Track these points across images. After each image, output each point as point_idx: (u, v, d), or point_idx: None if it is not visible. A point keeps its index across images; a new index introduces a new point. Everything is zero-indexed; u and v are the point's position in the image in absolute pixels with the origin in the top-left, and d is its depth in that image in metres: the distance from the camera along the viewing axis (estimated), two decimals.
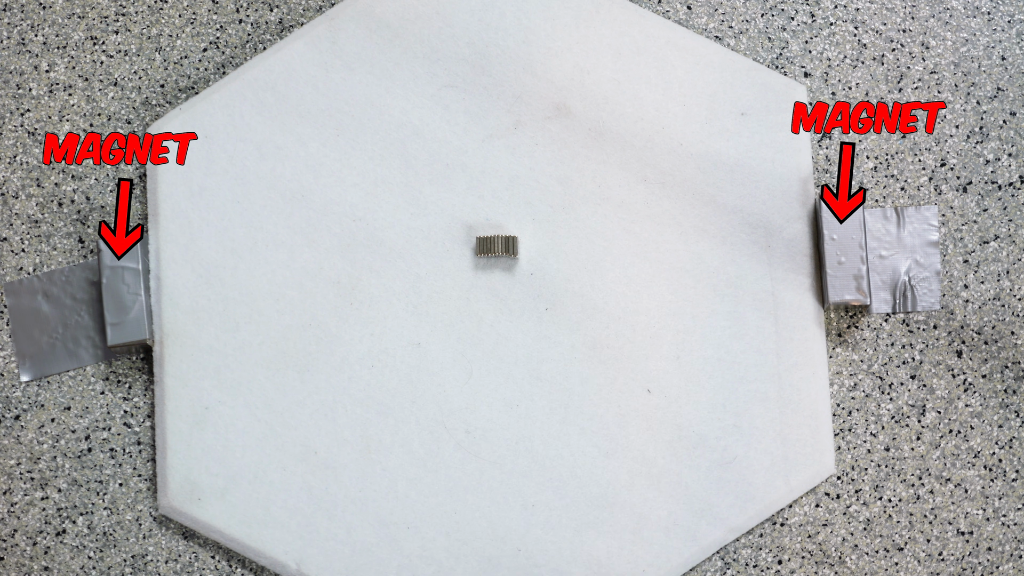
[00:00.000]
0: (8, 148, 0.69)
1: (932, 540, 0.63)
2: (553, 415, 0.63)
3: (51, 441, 0.67)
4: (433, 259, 0.65)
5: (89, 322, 0.67)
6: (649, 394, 0.63)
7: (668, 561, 0.62)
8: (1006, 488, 0.64)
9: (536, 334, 0.64)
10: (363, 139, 0.65)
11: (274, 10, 0.68)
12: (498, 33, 0.66)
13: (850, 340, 0.64)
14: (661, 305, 0.64)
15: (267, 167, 0.66)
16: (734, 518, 0.63)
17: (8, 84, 0.69)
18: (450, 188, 0.65)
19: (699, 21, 0.67)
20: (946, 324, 0.64)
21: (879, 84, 0.66)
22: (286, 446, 0.64)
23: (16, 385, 0.67)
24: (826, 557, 0.64)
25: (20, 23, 0.69)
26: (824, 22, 0.66)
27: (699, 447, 0.63)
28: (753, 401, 0.63)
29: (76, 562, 0.66)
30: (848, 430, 0.64)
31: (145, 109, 0.68)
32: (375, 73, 0.66)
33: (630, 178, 0.65)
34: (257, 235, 0.65)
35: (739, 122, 0.65)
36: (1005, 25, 0.65)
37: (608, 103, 0.65)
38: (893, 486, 0.64)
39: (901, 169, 0.65)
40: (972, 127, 0.65)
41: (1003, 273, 0.64)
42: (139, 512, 0.66)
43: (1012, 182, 0.65)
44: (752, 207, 0.64)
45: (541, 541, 0.63)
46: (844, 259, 0.62)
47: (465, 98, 0.65)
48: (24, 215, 0.68)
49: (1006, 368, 0.64)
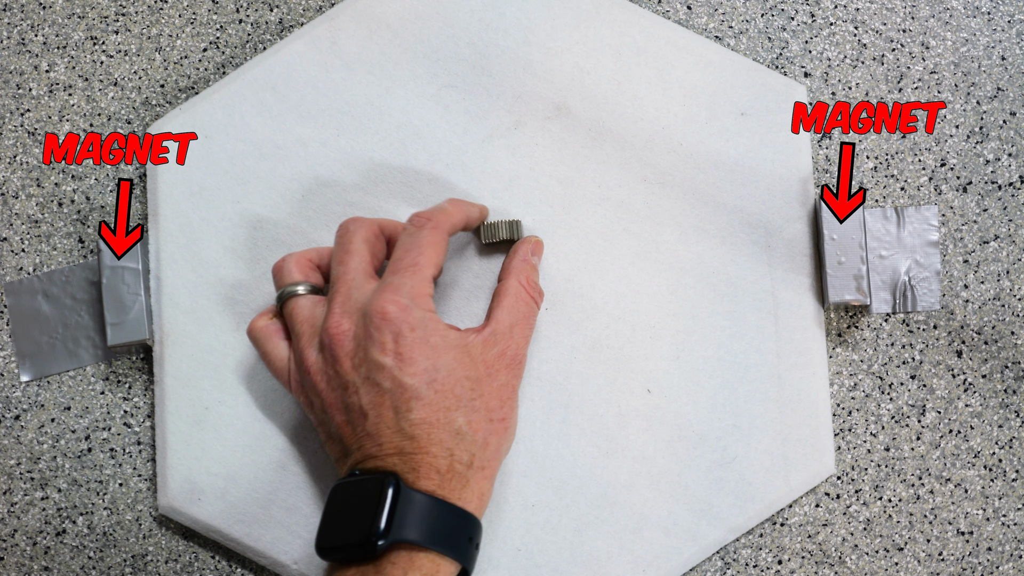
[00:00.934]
0: (8, 148, 0.69)
1: (932, 540, 0.64)
2: (553, 415, 0.63)
3: (51, 441, 0.67)
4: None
5: (89, 322, 0.67)
6: (649, 394, 0.63)
7: (668, 561, 0.62)
8: (1006, 488, 0.64)
9: (536, 334, 0.64)
10: (363, 139, 0.66)
11: (274, 10, 0.68)
12: (498, 33, 0.66)
13: (850, 340, 0.64)
14: (661, 305, 0.64)
15: (267, 167, 0.66)
16: (734, 518, 0.63)
17: (8, 84, 0.69)
18: (450, 188, 0.65)
19: (699, 21, 0.67)
20: (946, 324, 0.64)
21: (879, 84, 0.66)
22: (286, 446, 0.64)
23: (16, 385, 0.67)
24: (826, 557, 0.64)
25: (20, 23, 0.69)
26: (824, 22, 0.66)
27: (699, 447, 0.63)
28: (753, 401, 0.63)
29: (76, 562, 0.66)
30: (848, 430, 0.64)
31: (145, 109, 0.69)
32: (375, 73, 0.66)
33: (630, 178, 0.65)
34: (257, 235, 0.65)
35: (739, 122, 0.65)
36: (1005, 25, 0.65)
37: (608, 103, 0.65)
38: (893, 486, 0.64)
39: (901, 169, 0.65)
40: (972, 127, 0.65)
41: (1003, 273, 0.64)
42: (139, 512, 0.66)
43: (1012, 182, 0.65)
44: (752, 207, 0.64)
45: (541, 541, 0.63)
46: (844, 259, 0.62)
47: (465, 98, 0.65)
48: (24, 215, 0.68)
49: (1006, 368, 0.64)
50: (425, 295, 0.57)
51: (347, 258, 0.58)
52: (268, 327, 0.60)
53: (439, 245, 0.58)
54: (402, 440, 0.54)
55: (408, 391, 0.54)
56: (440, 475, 0.54)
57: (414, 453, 0.54)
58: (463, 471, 0.55)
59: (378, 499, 0.53)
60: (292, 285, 0.59)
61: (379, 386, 0.55)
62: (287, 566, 0.63)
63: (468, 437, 0.55)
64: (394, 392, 0.54)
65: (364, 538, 0.53)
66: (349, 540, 0.53)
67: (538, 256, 0.63)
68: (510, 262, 0.62)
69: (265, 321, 0.60)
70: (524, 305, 0.60)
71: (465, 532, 0.55)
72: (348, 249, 0.58)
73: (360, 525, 0.53)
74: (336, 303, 0.57)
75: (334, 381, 0.56)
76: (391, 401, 0.55)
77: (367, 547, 0.52)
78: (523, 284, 0.61)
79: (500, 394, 0.57)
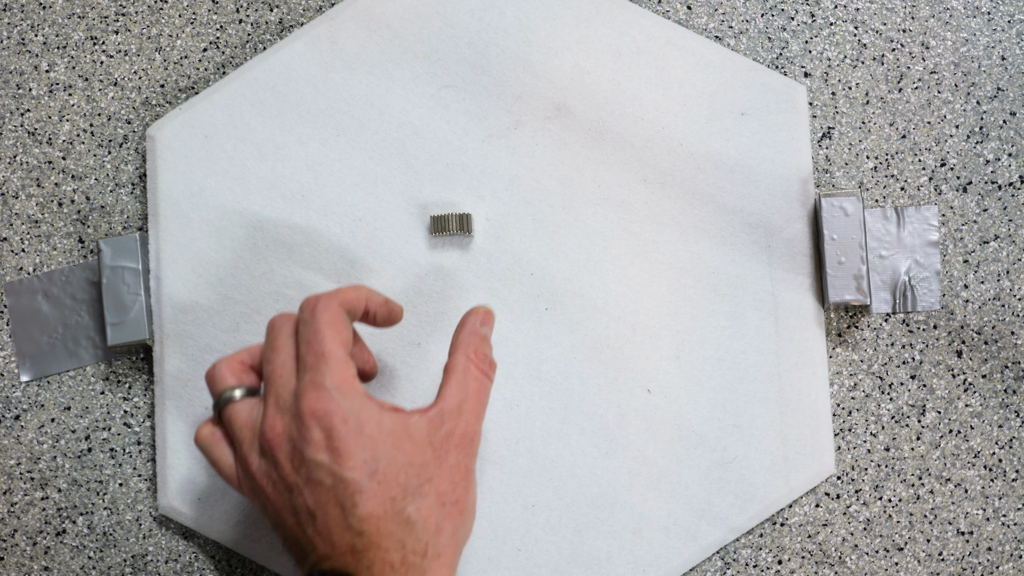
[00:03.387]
0: (8, 148, 0.69)
1: (932, 540, 0.64)
2: (553, 415, 0.63)
3: (51, 441, 0.67)
4: (433, 259, 0.65)
5: (89, 322, 0.67)
6: (649, 394, 0.63)
7: (668, 561, 0.62)
8: (1006, 488, 0.64)
9: (536, 334, 0.64)
10: (363, 139, 0.65)
11: (274, 10, 0.68)
12: (498, 33, 0.66)
13: (850, 340, 0.64)
14: (661, 305, 0.64)
15: (267, 167, 0.66)
16: (734, 518, 0.63)
17: (8, 84, 0.69)
18: (450, 188, 0.65)
19: (699, 21, 0.67)
20: (946, 324, 0.64)
21: (879, 84, 0.66)
22: None
23: (16, 385, 0.67)
24: (826, 557, 0.64)
25: (20, 23, 0.69)
26: (824, 22, 0.66)
27: (699, 447, 0.63)
28: (753, 401, 0.63)
29: (76, 562, 0.66)
30: (848, 430, 0.64)
31: (145, 109, 0.69)
32: (375, 73, 0.66)
33: (630, 178, 0.65)
34: (257, 235, 0.65)
35: (739, 122, 0.65)
36: (1005, 25, 0.65)
37: (608, 103, 0.65)
38: (893, 486, 0.64)
39: (901, 169, 0.65)
40: (972, 127, 0.65)
41: (1003, 273, 0.64)
42: (139, 512, 0.66)
43: (1012, 182, 0.65)
44: (752, 207, 0.64)
45: (541, 541, 0.63)
46: (844, 259, 0.62)
47: (465, 98, 0.65)
48: (24, 215, 0.68)
49: (1006, 368, 0.64)
50: (349, 378, 0.54)
51: (274, 356, 0.56)
52: (213, 435, 0.57)
53: (336, 324, 0.55)
54: (352, 537, 0.52)
55: (350, 485, 0.52)
56: (394, 570, 0.52)
57: (366, 550, 0.52)
58: (418, 562, 0.53)
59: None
60: (228, 390, 0.56)
61: (321, 484, 0.53)
62: (287, 566, 0.63)
63: (419, 526, 0.53)
64: (336, 488, 0.52)
65: None
66: None
67: (488, 327, 0.59)
68: (458, 335, 0.58)
69: (209, 429, 0.57)
70: (474, 381, 0.56)
71: None
72: (274, 346, 0.56)
73: None
74: (269, 405, 0.55)
75: (279, 484, 0.54)
76: (335, 498, 0.52)
77: None
78: (471, 358, 0.57)
79: (452, 476, 0.54)
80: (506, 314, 0.64)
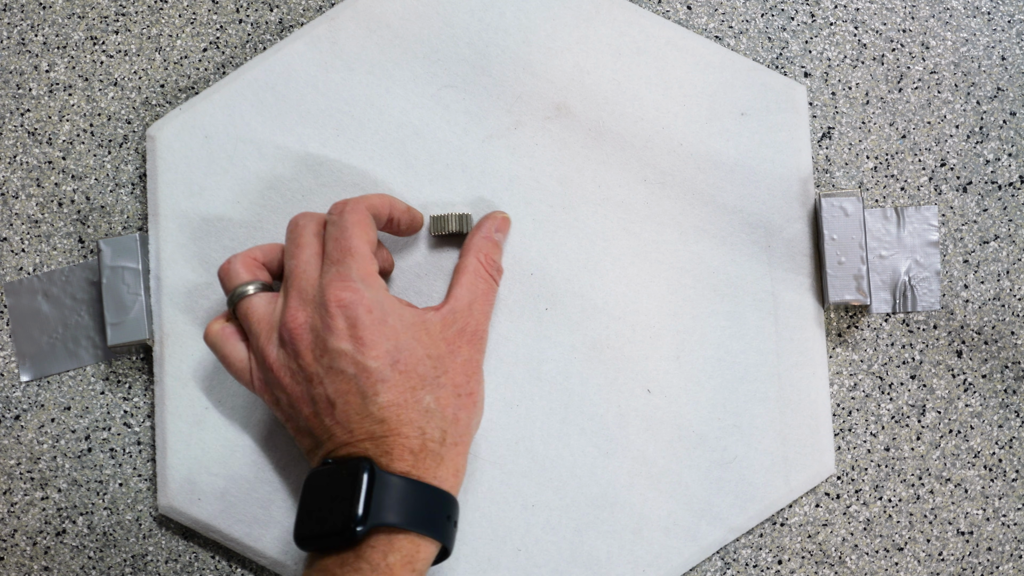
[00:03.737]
0: (8, 148, 0.69)
1: (932, 540, 0.64)
2: (553, 415, 0.63)
3: (51, 441, 0.67)
4: (433, 259, 0.65)
5: (89, 322, 0.67)
6: (649, 394, 0.63)
7: (668, 561, 0.62)
8: (1006, 488, 0.64)
9: (536, 334, 0.64)
10: (363, 139, 0.66)
11: (274, 10, 0.68)
12: (498, 33, 0.66)
13: (850, 340, 0.64)
14: (661, 305, 0.64)
15: (267, 167, 0.66)
16: (734, 518, 0.63)
17: (8, 84, 0.69)
18: (450, 188, 0.65)
19: (699, 21, 0.67)
20: (946, 324, 0.64)
21: (879, 84, 0.66)
22: (286, 446, 0.64)
23: (16, 385, 0.67)
24: (826, 557, 0.64)
25: (20, 23, 0.69)
26: (824, 22, 0.66)
27: (699, 447, 0.63)
28: (753, 401, 0.63)
29: (76, 562, 0.66)
30: (848, 430, 0.64)
31: (145, 109, 0.69)
32: (375, 73, 0.66)
33: (630, 178, 0.65)
34: (257, 235, 0.65)
35: (739, 122, 0.65)
36: (1005, 25, 0.65)
37: (608, 103, 0.65)
38: (893, 486, 0.64)
39: (901, 169, 0.65)
40: (972, 127, 0.65)
41: (1003, 273, 0.64)
42: (139, 512, 0.66)
43: (1012, 182, 0.65)
44: (752, 207, 0.64)
45: (541, 541, 0.63)
46: (844, 259, 0.62)
47: (465, 98, 0.65)
48: (24, 215, 0.68)
49: (1006, 368, 0.64)
50: (372, 273, 0.57)
51: (298, 252, 0.58)
52: (224, 330, 0.59)
53: (363, 224, 0.58)
54: (372, 424, 0.54)
55: (373, 374, 0.54)
56: (414, 455, 0.54)
57: (385, 436, 0.54)
58: (436, 449, 0.55)
59: (353, 485, 0.53)
60: (242, 286, 0.59)
61: (343, 373, 0.55)
62: (287, 566, 0.63)
63: (438, 414, 0.56)
64: (359, 377, 0.55)
65: (343, 525, 0.53)
66: (328, 528, 0.53)
67: (503, 233, 0.63)
68: (472, 237, 0.62)
69: (220, 324, 0.60)
70: (483, 282, 0.60)
71: (443, 511, 0.55)
72: (299, 243, 0.58)
73: (338, 512, 0.53)
74: (291, 297, 0.57)
75: (298, 375, 0.56)
76: (356, 387, 0.55)
77: (346, 534, 0.53)
78: (482, 261, 0.61)
79: (465, 369, 0.58)
80: (506, 314, 0.64)
